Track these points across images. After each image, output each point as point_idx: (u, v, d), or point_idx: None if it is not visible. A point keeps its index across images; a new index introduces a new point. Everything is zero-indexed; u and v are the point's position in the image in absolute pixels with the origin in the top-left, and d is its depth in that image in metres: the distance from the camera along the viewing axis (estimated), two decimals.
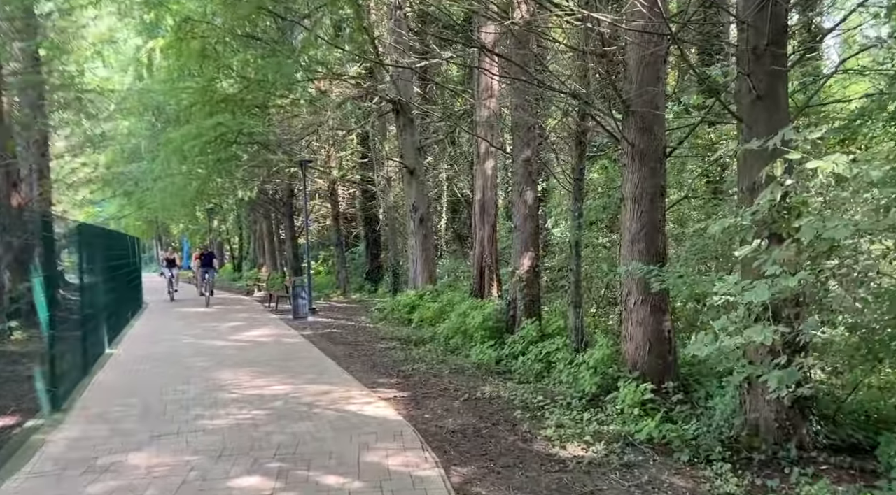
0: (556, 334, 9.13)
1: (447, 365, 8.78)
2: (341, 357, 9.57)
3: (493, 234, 12.17)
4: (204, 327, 13.42)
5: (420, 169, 14.99)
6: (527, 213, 9.84)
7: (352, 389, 7.26)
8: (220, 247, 45.42)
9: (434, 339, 10.85)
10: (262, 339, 11.45)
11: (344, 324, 13.83)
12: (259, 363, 9.05)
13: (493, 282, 12.09)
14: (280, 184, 24.77)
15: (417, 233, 14.90)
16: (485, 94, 11.95)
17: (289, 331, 12.48)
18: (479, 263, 12.14)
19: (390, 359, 9.37)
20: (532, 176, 9.89)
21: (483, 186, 12.13)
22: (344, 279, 21.92)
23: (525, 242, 9.86)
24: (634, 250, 6.69)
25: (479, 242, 12.20)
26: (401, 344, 10.76)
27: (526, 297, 9.81)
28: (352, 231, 29.25)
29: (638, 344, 6.68)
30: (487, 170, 12.06)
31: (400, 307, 14.15)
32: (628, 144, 6.65)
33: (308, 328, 13.14)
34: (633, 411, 5.91)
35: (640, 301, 6.65)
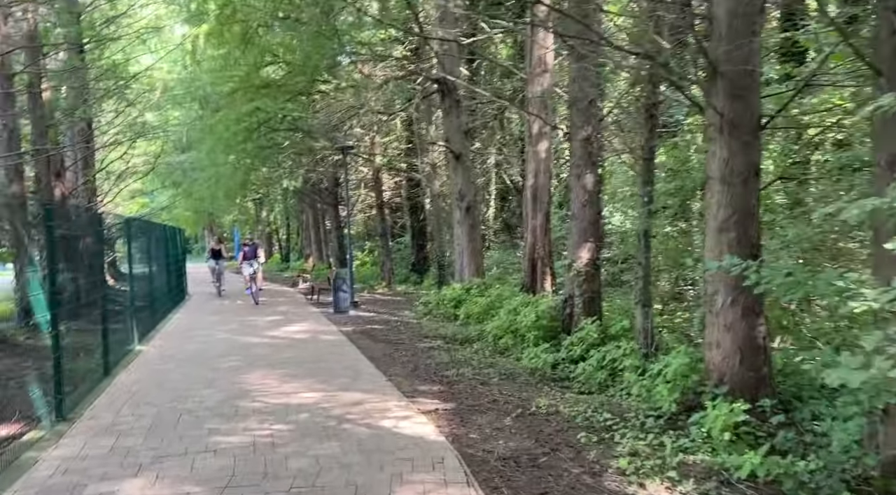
0: (619, 336, 8.09)
1: (496, 369, 7.83)
2: (380, 357, 8.75)
3: (546, 224, 11.13)
4: (241, 322, 12.85)
5: (467, 154, 14.03)
6: (586, 200, 8.78)
7: (389, 398, 6.40)
8: (268, 237, 45.56)
9: (481, 338, 9.92)
10: (298, 336, 10.75)
11: (386, 319, 13.04)
12: (291, 364, 8.31)
13: (547, 276, 11.07)
14: (325, 173, 24.23)
15: (464, 222, 13.97)
16: (537, 68, 10.88)
17: (328, 327, 11.76)
18: (531, 255, 11.13)
19: (433, 360, 8.49)
20: (592, 157, 8.81)
21: (535, 171, 11.09)
22: (388, 271, 21.20)
23: (584, 232, 8.81)
24: (722, 241, 5.59)
25: (530, 232, 11.18)
26: (445, 343, 9.87)
27: (585, 294, 8.77)
28: (397, 221, 28.57)
29: (726, 352, 5.58)
30: (540, 153, 11.01)
31: (445, 301, 13.27)
32: (716, 114, 5.53)
33: (348, 323, 12.40)
34: (723, 436, 4.85)
35: (730, 302, 5.55)
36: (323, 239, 29.65)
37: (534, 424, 5.55)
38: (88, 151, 18.81)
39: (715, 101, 5.53)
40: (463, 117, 13.89)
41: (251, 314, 14.15)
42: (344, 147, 14.53)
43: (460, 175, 13.89)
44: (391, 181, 25.77)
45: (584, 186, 8.78)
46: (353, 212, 29.93)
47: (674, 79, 6.04)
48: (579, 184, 8.82)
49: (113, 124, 20.13)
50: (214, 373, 7.80)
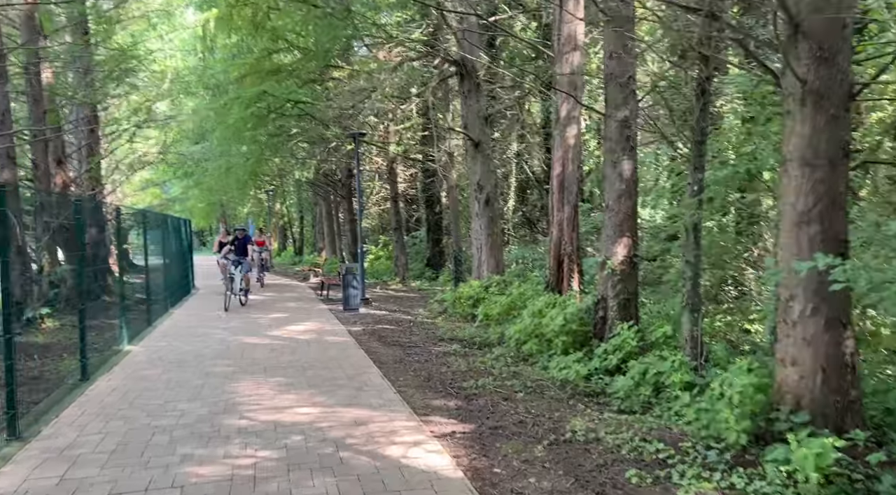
0: (661, 344, 7.13)
1: (521, 380, 6.90)
2: (389, 364, 7.85)
3: (574, 217, 10.14)
4: (244, 319, 12.04)
5: (486, 141, 13.06)
6: (622, 189, 7.79)
7: (397, 417, 5.49)
8: (282, 230, 44.94)
9: (502, 343, 8.99)
10: (302, 336, 9.89)
11: (398, 318, 12.15)
12: (291, 370, 7.44)
13: (574, 274, 10.09)
14: (338, 164, 23.39)
15: (483, 215, 13.02)
16: (567, 46, 9.87)
17: (335, 327, 10.89)
18: (557, 251, 10.15)
19: (449, 368, 7.57)
20: (630, 141, 7.82)
21: (563, 159, 10.10)
22: (403, 266, 20.33)
23: (619, 225, 7.82)
24: (802, 236, 4.60)
25: (556, 226, 10.21)
26: (462, 347, 8.95)
27: (620, 295, 7.80)
28: (413, 214, 27.69)
29: (805, 371, 4.61)
30: (569, 139, 10.02)
31: (462, 300, 12.34)
32: (797, 82, 4.53)
33: (358, 322, 11.53)
34: (812, 479, 3.89)
35: (810, 310, 4.57)
36: (336, 232, 28.84)
37: (571, 455, 4.61)
38: (93, 138, 18.09)
39: (796, 66, 4.53)
40: (483, 102, 12.92)
41: (256, 310, 13.34)
42: (356, 134, 13.63)
43: (479, 164, 12.93)
44: (406, 172, 24.88)
45: (621, 174, 7.79)
46: (367, 204, 29.10)
47: (743, 40, 5.03)
48: (615, 171, 7.83)
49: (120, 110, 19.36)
50: (203, 380, 6.95)
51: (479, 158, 12.91)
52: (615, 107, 7.81)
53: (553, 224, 10.29)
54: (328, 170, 24.41)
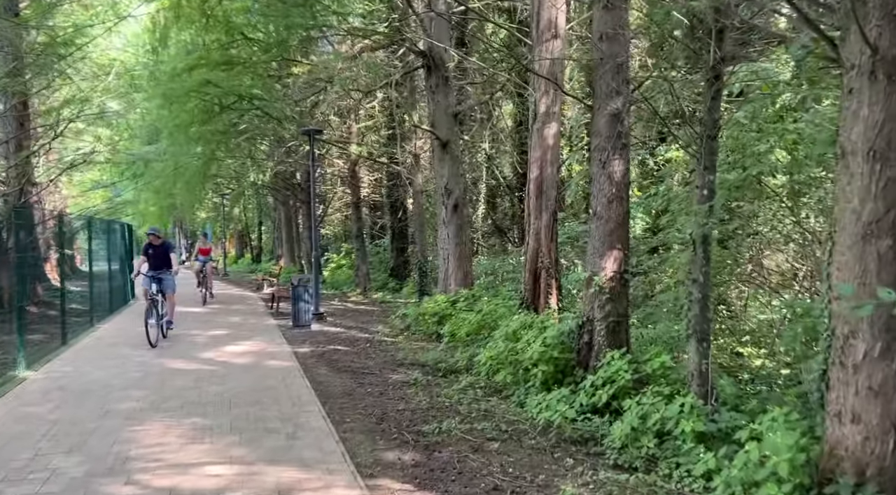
0: (659, 377, 6.01)
1: (493, 421, 5.68)
2: (336, 398, 6.55)
3: (553, 225, 9.02)
4: (176, 337, 10.57)
5: (455, 141, 11.89)
6: (613, 194, 6.67)
7: (335, 481, 4.22)
8: (240, 237, 43.11)
9: (471, 369, 7.77)
10: (239, 360, 8.51)
11: (354, 336, 10.84)
12: (214, 407, 6.09)
13: (552, 290, 8.95)
14: (297, 166, 21.98)
15: (451, 222, 11.83)
16: (546, 33, 8.78)
17: (280, 347, 9.53)
18: (534, 264, 9.00)
19: (407, 405, 6.32)
20: (623, 138, 6.71)
21: (541, 160, 8.97)
22: (364, 276, 19.00)
23: (609, 235, 6.70)
24: (868, 252, 3.50)
25: (533, 235, 9.06)
26: (425, 374, 7.70)
27: (609, 317, 6.65)
28: (377, 221, 26.40)
29: (871, 430, 3.50)
30: (548, 138, 8.90)
31: (426, 316, 11.11)
32: (865, 48, 3.44)
33: (307, 342, 10.18)
34: None
35: (879, 351, 3.47)
36: (295, 239, 27.35)
37: None
38: (22, 132, 16.36)
39: (868, 32, 3.44)
40: (451, 98, 11.75)
41: (196, 326, 11.87)
42: (311, 131, 12.31)
43: (447, 167, 11.74)
44: (371, 177, 23.60)
45: (612, 176, 6.67)
46: (330, 210, 27.70)
47: None
48: (604, 172, 6.71)
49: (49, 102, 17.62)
50: (99, 421, 5.56)
51: (448, 160, 11.72)
52: (605, 97, 6.70)
53: (529, 233, 9.14)
54: (286, 172, 22.98)
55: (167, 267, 10.42)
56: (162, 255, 10.41)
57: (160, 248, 10.47)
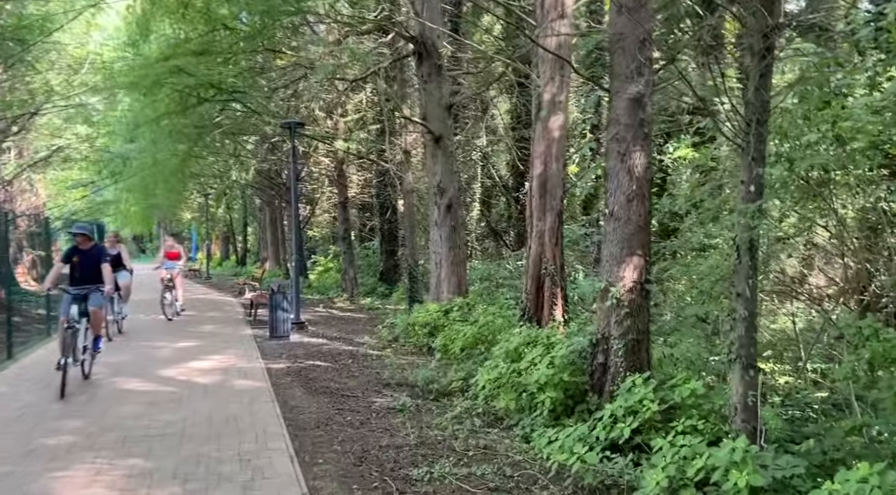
0: (690, 407, 5.06)
1: (495, 463, 4.72)
2: (309, 430, 5.57)
3: (558, 227, 8.07)
4: (142, 347, 9.56)
5: (449, 136, 10.94)
6: (634, 191, 5.74)
7: None
8: (225, 239, 41.94)
9: (467, 391, 6.81)
10: (203, 379, 7.50)
11: (337, 349, 9.85)
12: (161, 442, 5.10)
13: (557, 300, 7.99)
14: (282, 164, 20.98)
15: (443, 223, 10.88)
16: (552, 12, 7.84)
17: (252, 363, 8.52)
18: (537, 270, 8.05)
19: (392, 439, 5.34)
20: (645, 127, 5.79)
21: (545, 155, 8.03)
22: (351, 280, 18.00)
23: (628, 240, 5.76)
24: None
25: (535, 238, 8.11)
26: (413, 397, 6.72)
27: (628, 334, 5.72)
28: (366, 223, 25.40)
29: None
30: (553, 130, 7.96)
31: (417, 327, 10.15)
32: None
33: (284, 355, 9.19)
34: None
35: None
36: (281, 240, 26.31)
37: None
38: None
39: None
40: (445, 89, 10.80)
41: (164, 336, 10.84)
42: (292, 124, 11.32)
43: (440, 163, 10.79)
44: (359, 176, 22.62)
45: (632, 170, 5.74)
46: (318, 211, 26.70)
47: None
48: (623, 166, 5.77)
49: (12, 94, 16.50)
50: (15, 465, 4.55)
51: (441, 156, 10.77)
52: (625, 79, 5.76)
53: (532, 236, 8.18)
54: (271, 171, 21.97)
55: (98, 282, 7.33)
56: (91, 265, 7.31)
57: (90, 254, 7.40)
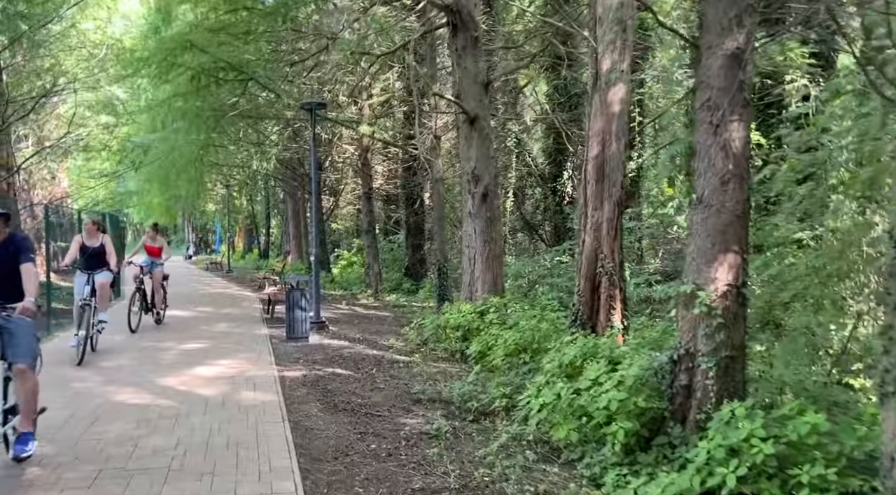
0: (810, 448, 3.92)
1: None
2: (325, 462, 4.54)
3: (617, 218, 6.92)
4: (146, 350, 8.66)
5: (486, 116, 9.83)
6: (730, 172, 4.59)
7: None
8: (248, 232, 41.33)
9: (511, 411, 5.74)
10: (206, 390, 6.53)
11: (360, 353, 8.83)
12: (141, 480, 4.11)
13: (615, 304, 6.85)
14: (304, 153, 20.07)
15: (478, 215, 9.79)
16: None
17: (264, 370, 7.53)
18: (592, 268, 6.92)
19: (425, 479, 4.28)
20: (744, 91, 4.63)
21: (603, 134, 6.88)
22: (376, 276, 17.01)
23: (721, 232, 4.63)
24: None
25: (591, 231, 6.97)
26: (449, 418, 5.67)
27: (720, 350, 4.59)
28: (392, 215, 24.42)
29: None
30: (613, 105, 6.80)
31: (448, 329, 9.09)
32: None
33: (301, 360, 8.20)
34: None
35: None
36: (303, 233, 25.44)
37: None
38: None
39: None
40: (482, 63, 9.70)
41: (169, 336, 9.95)
42: (312, 105, 10.31)
43: (475, 147, 9.69)
44: (384, 167, 21.62)
45: (728, 146, 4.59)
46: (342, 202, 25.80)
47: None
48: (717, 141, 4.62)
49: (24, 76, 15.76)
50: None
51: (476, 139, 9.67)
52: (720, 32, 4.62)
53: (586, 228, 7.04)
54: (293, 160, 21.07)
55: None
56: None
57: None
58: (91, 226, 8.52)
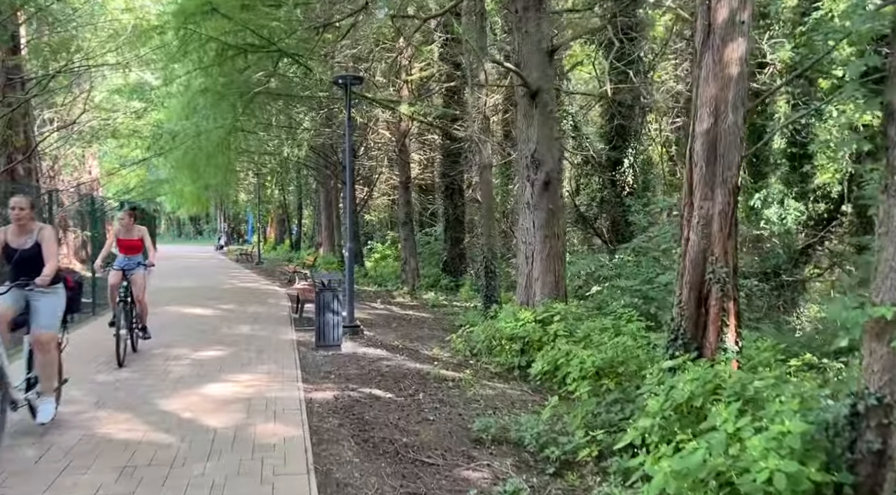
0: None
1: None
2: None
3: (732, 211, 5.44)
4: (154, 358, 7.49)
5: (549, 90, 8.39)
6: None
7: None
8: (280, 222, 40.47)
9: (603, 460, 4.34)
10: (213, 420, 5.27)
11: (401, 366, 7.52)
12: None
13: (729, 319, 5.37)
14: (337, 138, 18.84)
15: (538, 205, 8.39)
16: None
17: (287, 391, 6.25)
18: (699, 274, 5.44)
19: None
20: None
21: (715, 102, 5.39)
22: (412, 272, 15.73)
23: None
24: None
25: (698, 227, 5.49)
26: (521, 469, 4.32)
27: None
28: (428, 206, 23.11)
29: None
30: (730, 65, 5.31)
31: (503, 340, 7.72)
32: None
33: (332, 376, 6.92)
34: None
35: None
36: (336, 224, 24.33)
37: None
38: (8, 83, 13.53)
39: None
40: (546, 27, 8.25)
41: (186, 339, 8.78)
42: (346, 79, 9.00)
43: (537, 126, 8.27)
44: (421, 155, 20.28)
45: None
46: (375, 193, 24.58)
47: None
48: None
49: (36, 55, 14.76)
50: None
51: (537, 116, 8.25)
52: None
53: (691, 222, 5.56)
54: (326, 147, 19.88)
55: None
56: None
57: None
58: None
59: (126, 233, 7.82)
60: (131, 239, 7.81)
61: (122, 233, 7.84)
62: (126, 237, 7.80)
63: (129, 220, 7.87)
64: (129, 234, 7.82)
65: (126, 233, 7.81)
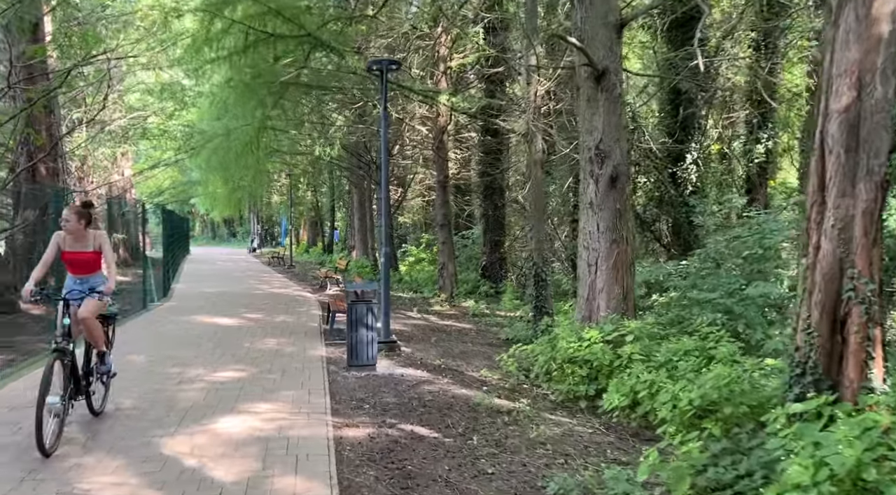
0: None
1: None
2: None
3: (878, 210, 4.24)
4: (167, 380, 6.57)
5: (617, 71, 7.22)
6: None
7: None
8: (313, 224, 39.84)
9: None
10: (219, 471, 4.28)
11: (445, 393, 6.46)
12: None
13: (875, 349, 4.17)
14: (371, 136, 17.93)
15: (604, 205, 7.25)
16: None
17: (312, 428, 5.22)
18: (834, 292, 4.24)
19: None
20: None
21: (858, 72, 4.19)
22: (450, 277, 14.68)
23: None
24: None
25: (832, 230, 4.28)
26: None
27: None
28: (465, 208, 22.06)
29: None
30: (879, 22, 4.10)
31: (565, 363, 6.59)
32: None
33: (366, 407, 5.90)
34: None
35: None
36: (369, 227, 23.44)
37: None
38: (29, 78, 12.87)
39: None
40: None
41: (202, 358, 7.87)
42: (382, 64, 8.00)
43: (602, 113, 7.14)
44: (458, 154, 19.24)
45: None
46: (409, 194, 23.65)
47: None
48: None
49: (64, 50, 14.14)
50: None
51: (603, 102, 7.11)
52: None
53: (821, 226, 4.36)
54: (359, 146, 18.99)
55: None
56: None
57: None
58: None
59: (74, 242, 4.95)
60: (83, 251, 4.97)
61: (67, 242, 4.95)
62: (74, 249, 4.96)
63: (79, 223, 4.91)
64: (79, 244, 4.96)
65: (74, 243, 4.95)
